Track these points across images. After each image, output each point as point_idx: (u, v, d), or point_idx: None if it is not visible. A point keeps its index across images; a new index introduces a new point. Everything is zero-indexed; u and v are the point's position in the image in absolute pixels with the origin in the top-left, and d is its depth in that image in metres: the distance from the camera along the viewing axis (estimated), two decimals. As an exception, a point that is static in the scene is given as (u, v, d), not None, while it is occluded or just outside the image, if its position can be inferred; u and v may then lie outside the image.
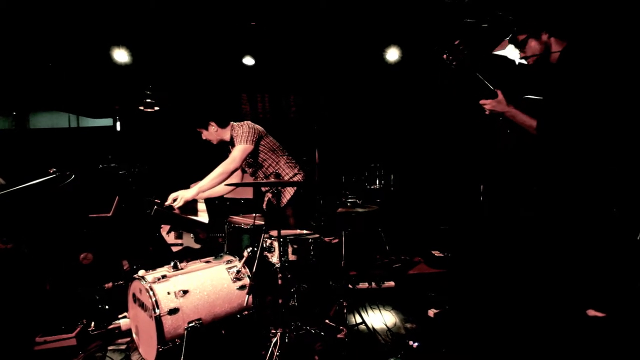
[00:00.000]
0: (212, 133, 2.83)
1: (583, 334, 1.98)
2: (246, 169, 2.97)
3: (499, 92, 1.83)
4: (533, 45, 1.82)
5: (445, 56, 1.85)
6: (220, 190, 2.89)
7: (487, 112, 1.90)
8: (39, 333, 2.31)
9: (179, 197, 2.51)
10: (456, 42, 1.82)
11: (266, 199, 2.97)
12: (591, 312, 1.97)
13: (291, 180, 2.84)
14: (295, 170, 2.88)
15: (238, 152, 2.68)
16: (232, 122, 2.86)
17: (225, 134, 2.85)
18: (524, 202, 2.62)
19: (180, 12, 3.97)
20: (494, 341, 2.32)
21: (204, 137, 2.87)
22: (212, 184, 2.60)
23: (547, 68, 1.84)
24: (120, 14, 3.92)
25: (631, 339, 1.84)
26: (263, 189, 2.97)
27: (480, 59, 2.07)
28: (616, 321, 1.90)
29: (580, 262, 1.85)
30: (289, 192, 2.82)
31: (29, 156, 5.88)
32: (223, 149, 2.93)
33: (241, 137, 2.71)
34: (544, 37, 1.80)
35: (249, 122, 2.82)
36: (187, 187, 2.64)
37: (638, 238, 1.64)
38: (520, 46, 1.87)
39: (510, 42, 1.93)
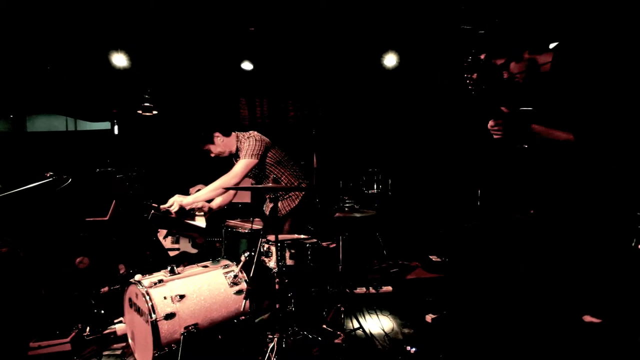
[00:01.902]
0: (220, 145, 2.73)
1: (580, 339, 1.98)
2: (251, 178, 2.91)
3: (503, 109, 1.73)
4: (515, 64, 1.77)
5: (469, 80, 1.76)
6: (222, 201, 2.89)
7: (498, 136, 1.76)
8: (33, 338, 2.29)
9: (174, 203, 2.49)
10: (482, 56, 1.73)
11: (269, 205, 2.95)
12: (587, 318, 1.97)
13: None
14: (300, 181, 2.86)
15: (241, 167, 2.62)
16: (237, 132, 2.79)
17: (232, 144, 2.77)
18: (521, 207, 2.62)
19: (179, 16, 3.99)
20: (491, 347, 2.31)
21: (213, 155, 2.78)
22: (209, 196, 2.58)
23: (537, 79, 1.80)
24: (119, 18, 3.93)
25: (627, 346, 1.84)
26: (267, 196, 2.94)
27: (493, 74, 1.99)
28: (612, 327, 1.90)
29: (578, 267, 1.85)
30: (293, 202, 2.81)
31: (26, 159, 5.87)
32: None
33: (246, 151, 2.64)
34: (526, 55, 1.75)
35: (256, 133, 2.75)
36: (185, 191, 2.63)
37: (633, 245, 1.65)
38: (503, 68, 1.81)
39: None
